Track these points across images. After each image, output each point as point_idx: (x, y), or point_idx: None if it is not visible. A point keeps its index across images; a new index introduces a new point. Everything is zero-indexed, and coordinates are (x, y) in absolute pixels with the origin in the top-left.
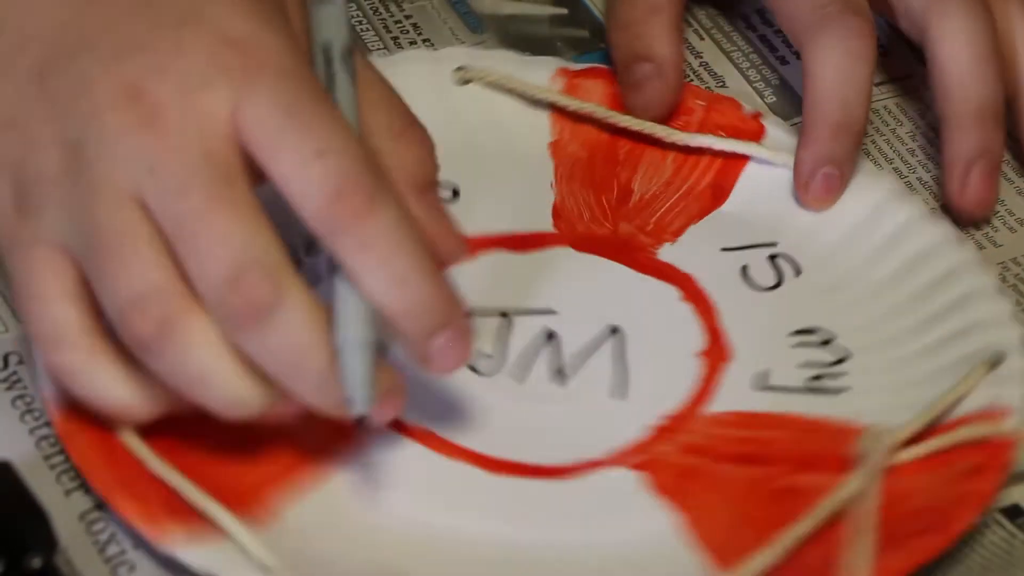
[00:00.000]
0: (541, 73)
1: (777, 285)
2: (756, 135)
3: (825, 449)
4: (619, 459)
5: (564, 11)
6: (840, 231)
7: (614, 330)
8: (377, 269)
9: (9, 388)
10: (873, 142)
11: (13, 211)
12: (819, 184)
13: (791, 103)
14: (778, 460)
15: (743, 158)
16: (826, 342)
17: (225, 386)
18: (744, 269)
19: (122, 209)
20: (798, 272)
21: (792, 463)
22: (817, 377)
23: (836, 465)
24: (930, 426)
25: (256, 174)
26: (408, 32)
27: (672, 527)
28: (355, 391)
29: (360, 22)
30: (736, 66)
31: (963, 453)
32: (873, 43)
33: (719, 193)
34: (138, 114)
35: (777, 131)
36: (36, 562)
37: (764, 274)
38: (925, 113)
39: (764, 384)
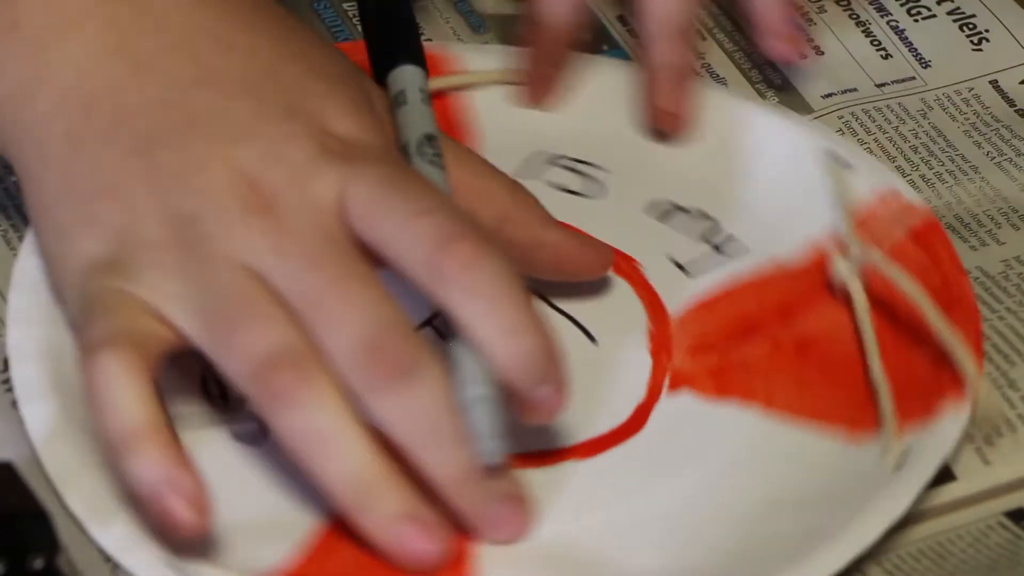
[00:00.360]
0: None
1: (596, 188)
2: (442, 66)
3: (791, 294)
4: (657, 390)
5: None
6: (597, 116)
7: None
8: (487, 317)
9: (10, 390)
10: (875, 140)
11: (104, 267)
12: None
13: (796, 103)
14: (768, 324)
15: (455, 91)
16: (682, 210)
17: (347, 450)
18: (558, 186)
19: (244, 279)
20: (600, 168)
21: (781, 318)
22: (714, 243)
23: (817, 301)
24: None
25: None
26: None
27: (764, 417)
28: (485, 442)
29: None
30: (738, 67)
31: (902, 248)
32: None
33: (467, 133)
34: (255, 199)
35: (463, 52)
36: (38, 563)
37: (576, 182)
38: (927, 113)
39: (687, 270)
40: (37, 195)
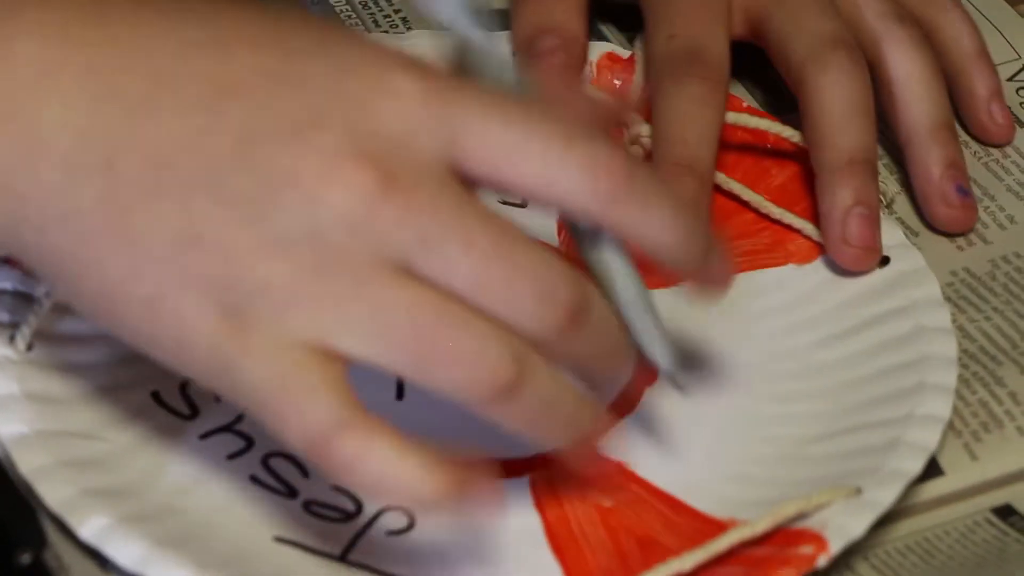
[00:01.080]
0: None
1: None
2: None
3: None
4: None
5: None
6: None
7: None
8: (662, 220)
9: None
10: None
11: (233, 327)
12: None
13: (789, 105)
14: None
15: None
16: None
17: (577, 404)
18: None
19: (406, 287)
20: None
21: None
22: None
23: None
24: None
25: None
26: (398, 26)
27: None
28: (654, 346)
29: (349, 16)
30: None
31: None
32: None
33: None
34: (368, 185)
35: None
36: (25, 558)
37: None
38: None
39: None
40: (97, 277)
